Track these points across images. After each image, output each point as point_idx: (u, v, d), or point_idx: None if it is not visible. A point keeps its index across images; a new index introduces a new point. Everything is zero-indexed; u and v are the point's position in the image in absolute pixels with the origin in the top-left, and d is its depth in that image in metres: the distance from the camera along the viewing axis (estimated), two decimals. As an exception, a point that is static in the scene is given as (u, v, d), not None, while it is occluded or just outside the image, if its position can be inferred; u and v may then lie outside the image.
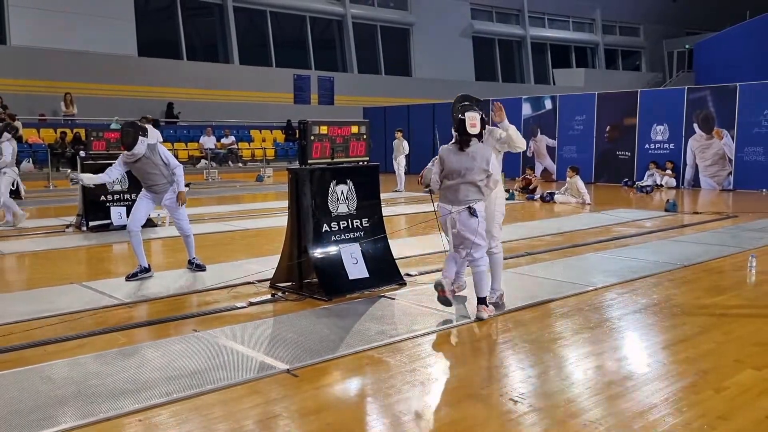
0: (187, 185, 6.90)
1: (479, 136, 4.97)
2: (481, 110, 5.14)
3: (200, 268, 6.76)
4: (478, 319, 5.01)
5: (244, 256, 7.60)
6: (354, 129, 6.16)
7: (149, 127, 6.27)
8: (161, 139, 14.81)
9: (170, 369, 3.99)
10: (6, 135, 9.96)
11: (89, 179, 6.95)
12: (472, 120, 4.88)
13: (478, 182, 4.92)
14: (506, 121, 5.23)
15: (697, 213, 11.72)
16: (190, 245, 6.81)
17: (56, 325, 5.00)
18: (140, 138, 6.37)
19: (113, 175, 6.68)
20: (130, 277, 6.37)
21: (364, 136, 6.22)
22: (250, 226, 10.31)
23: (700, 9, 39.08)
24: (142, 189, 6.65)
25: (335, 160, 6.00)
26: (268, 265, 6.55)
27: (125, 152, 6.44)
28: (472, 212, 4.90)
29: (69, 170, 6.94)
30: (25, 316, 5.19)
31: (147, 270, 6.48)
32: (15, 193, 10.79)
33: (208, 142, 22.62)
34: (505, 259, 7.44)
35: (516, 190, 14.83)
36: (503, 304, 5.38)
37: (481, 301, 5.07)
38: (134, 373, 3.92)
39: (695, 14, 39.37)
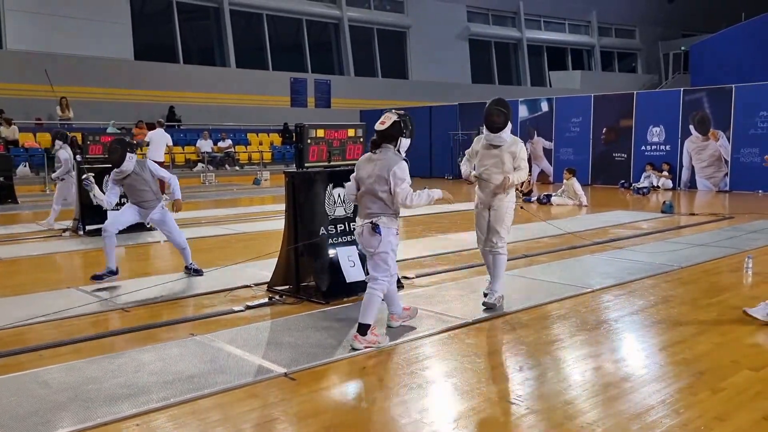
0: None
1: (394, 142, 4.45)
2: (507, 112, 5.22)
3: (198, 272, 6.73)
4: (352, 348, 4.38)
5: (241, 260, 7.59)
6: (351, 132, 6.16)
7: (159, 129, 6.24)
8: (170, 143, 14.90)
9: (167, 373, 3.99)
10: (58, 142, 10.35)
11: (99, 195, 6.70)
12: (383, 118, 4.44)
13: (380, 193, 4.39)
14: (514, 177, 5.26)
15: (693, 214, 11.74)
16: (186, 256, 6.73)
17: (53, 330, 4.99)
18: (128, 155, 6.30)
19: (113, 201, 6.58)
20: (96, 278, 6.32)
21: (361, 139, 6.23)
22: (248, 229, 10.31)
23: (695, 11, 39.22)
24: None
25: (332, 163, 6.00)
26: (265, 268, 6.55)
27: (114, 170, 6.37)
28: (375, 229, 4.37)
29: (87, 174, 6.90)
30: (22, 320, 5.18)
31: (114, 273, 6.39)
32: None
33: (205, 145, 22.61)
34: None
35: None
36: (501, 306, 5.38)
37: (360, 329, 4.43)
38: (131, 378, 3.91)
39: (691, 16, 39.50)
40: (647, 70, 40.51)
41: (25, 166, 18.60)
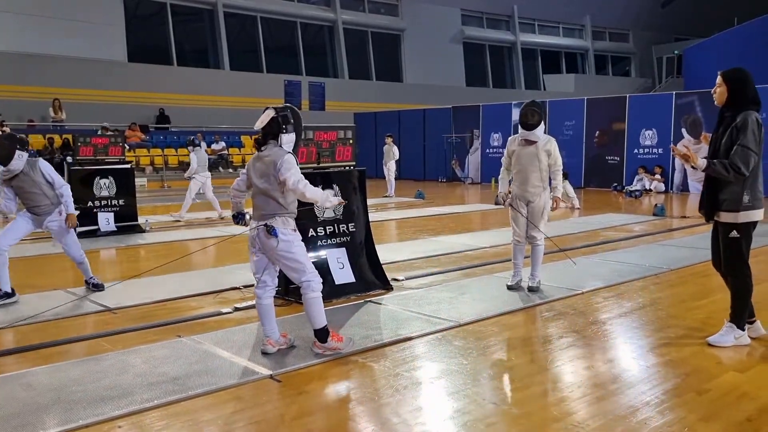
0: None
1: (276, 139, 4.24)
2: (540, 112, 5.82)
3: (97, 287, 6.23)
4: (315, 353, 4.32)
5: (232, 262, 7.58)
6: (340, 134, 6.16)
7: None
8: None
9: (153, 375, 3.97)
10: (190, 147, 11.91)
11: None
12: (262, 116, 4.22)
13: (271, 192, 4.14)
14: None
15: (685, 217, 11.78)
16: (85, 270, 6.25)
17: (37, 332, 4.96)
18: (17, 152, 5.70)
19: (11, 207, 5.97)
20: None
21: (350, 141, 6.22)
22: (238, 231, 10.27)
23: (688, 15, 39.37)
24: (24, 208, 5.99)
25: (321, 164, 5.99)
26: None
27: (1, 168, 5.80)
28: (270, 231, 4.12)
29: None
30: (8, 322, 5.15)
31: (10, 295, 5.77)
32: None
33: (199, 147, 22.56)
34: (491, 264, 7.51)
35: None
36: (540, 288, 6.02)
37: (317, 334, 4.28)
38: (116, 380, 3.89)
39: (684, 20, 39.66)
40: (641, 73, 40.65)
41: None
